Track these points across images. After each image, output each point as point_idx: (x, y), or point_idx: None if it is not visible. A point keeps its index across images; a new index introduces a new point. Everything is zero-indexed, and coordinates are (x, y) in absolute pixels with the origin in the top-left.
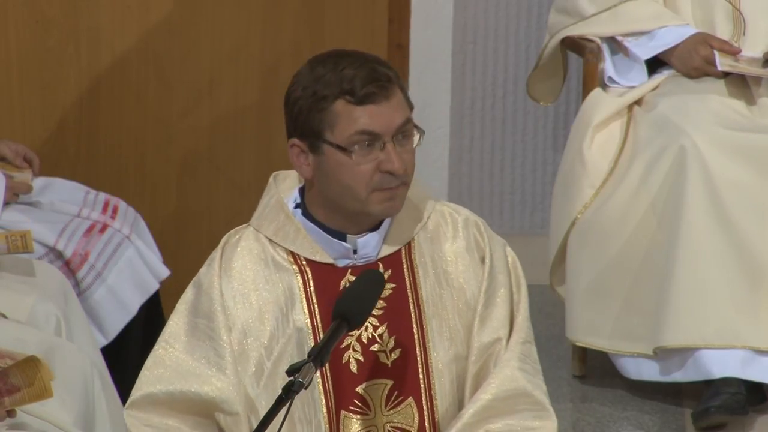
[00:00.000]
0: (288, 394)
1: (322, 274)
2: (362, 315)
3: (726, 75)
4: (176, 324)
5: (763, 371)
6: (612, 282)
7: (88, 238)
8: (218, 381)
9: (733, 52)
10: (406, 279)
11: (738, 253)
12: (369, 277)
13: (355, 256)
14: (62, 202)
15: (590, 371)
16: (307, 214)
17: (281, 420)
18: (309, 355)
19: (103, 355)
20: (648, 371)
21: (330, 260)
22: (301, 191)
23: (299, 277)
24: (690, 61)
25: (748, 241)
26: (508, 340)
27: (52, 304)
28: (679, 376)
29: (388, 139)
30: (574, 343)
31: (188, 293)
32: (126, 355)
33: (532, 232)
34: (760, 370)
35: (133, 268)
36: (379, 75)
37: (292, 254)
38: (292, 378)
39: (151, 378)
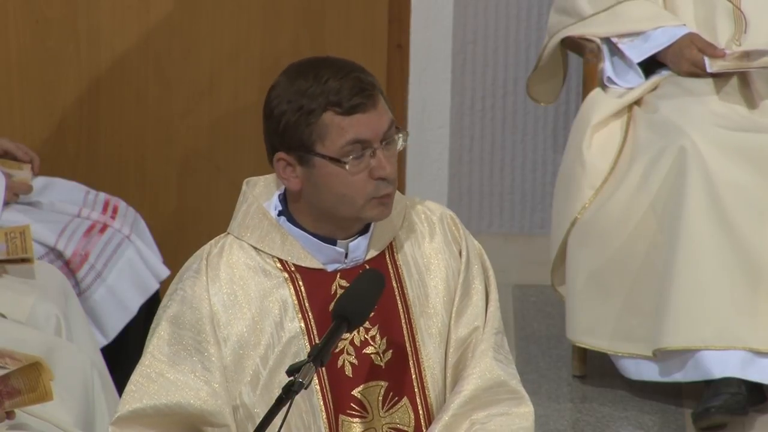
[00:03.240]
0: (288, 394)
1: (313, 280)
2: (362, 315)
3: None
4: (161, 337)
5: (763, 372)
6: (612, 282)
7: (88, 238)
8: (206, 394)
9: (718, 56)
10: (393, 280)
11: (738, 254)
12: (369, 277)
13: (346, 260)
14: (62, 202)
15: (590, 371)
16: (293, 221)
17: (280, 421)
18: (309, 356)
19: (103, 355)
20: (648, 371)
21: (319, 265)
22: (282, 199)
23: (290, 284)
24: (679, 64)
25: (748, 242)
26: (484, 328)
27: (52, 304)
28: (679, 376)
29: (378, 146)
30: (574, 344)
31: (171, 306)
32: (126, 355)
33: (532, 232)
34: (759, 371)
35: (133, 268)
36: (365, 85)
37: (280, 261)
38: (292, 378)
39: (137, 393)
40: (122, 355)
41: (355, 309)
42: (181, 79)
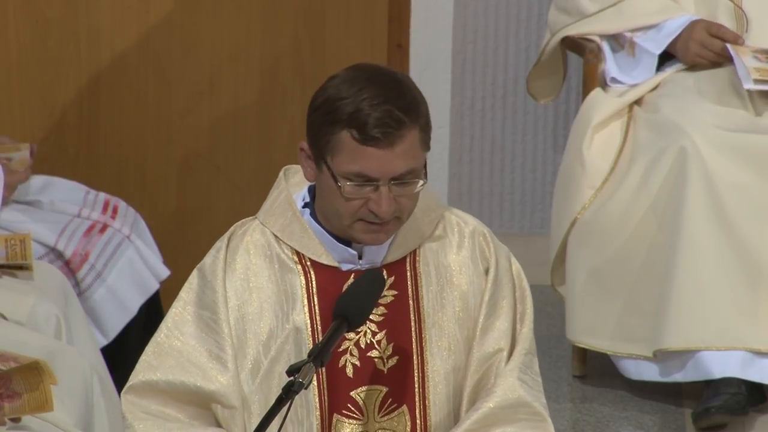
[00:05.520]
0: (288, 394)
1: (326, 276)
2: (362, 315)
3: (718, 65)
4: (179, 313)
5: (763, 372)
6: (612, 283)
7: (88, 238)
8: (220, 374)
9: (735, 40)
10: (409, 287)
11: (738, 254)
12: (369, 277)
13: (360, 261)
14: (62, 202)
15: (590, 371)
16: (314, 215)
17: (281, 420)
18: (309, 355)
19: (103, 355)
20: (648, 372)
21: (334, 263)
22: (312, 191)
23: (302, 277)
24: (688, 45)
25: (748, 242)
26: (511, 350)
27: (52, 304)
28: (679, 376)
29: (384, 183)
30: (574, 344)
31: (193, 282)
32: (126, 355)
33: (532, 232)
34: (759, 371)
35: (133, 268)
36: (391, 120)
37: (298, 253)
38: (292, 378)
39: (152, 364)
40: (122, 355)
41: (355, 309)
42: (181, 79)
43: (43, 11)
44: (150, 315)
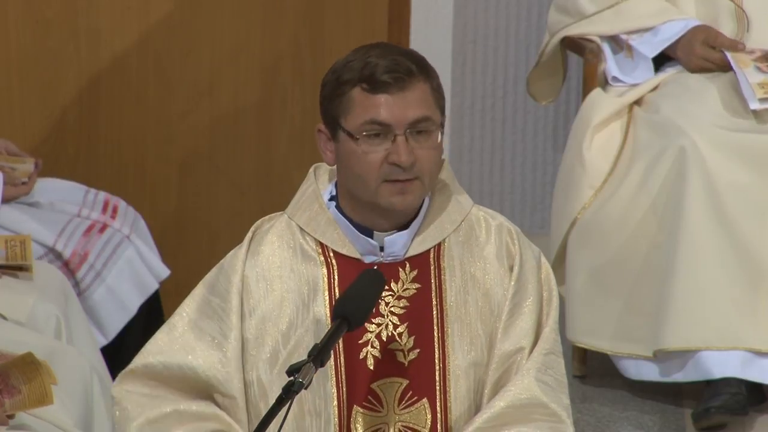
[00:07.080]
0: (288, 394)
1: (348, 268)
2: (362, 314)
3: (724, 69)
4: (193, 298)
5: (763, 372)
6: (612, 283)
7: (88, 238)
8: (216, 361)
9: (735, 48)
10: (432, 280)
11: (738, 254)
12: (369, 277)
13: (382, 253)
14: (62, 202)
15: (590, 371)
16: (339, 207)
17: (282, 419)
18: (309, 355)
19: (102, 355)
20: (648, 372)
21: (357, 255)
22: (337, 185)
23: (324, 269)
24: (690, 59)
25: (748, 242)
26: (532, 350)
27: (52, 304)
28: (679, 376)
29: (400, 132)
30: (574, 344)
31: (211, 272)
32: (126, 354)
33: (532, 231)
34: (759, 371)
35: (133, 267)
36: (399, 66)
37: (321, 245)
38: (292, 378)
39: (153, 348)
40: (122, 355)
41: (355, 309)
42: (181, 79)
43: (43, 11)
44: (149, 315)
